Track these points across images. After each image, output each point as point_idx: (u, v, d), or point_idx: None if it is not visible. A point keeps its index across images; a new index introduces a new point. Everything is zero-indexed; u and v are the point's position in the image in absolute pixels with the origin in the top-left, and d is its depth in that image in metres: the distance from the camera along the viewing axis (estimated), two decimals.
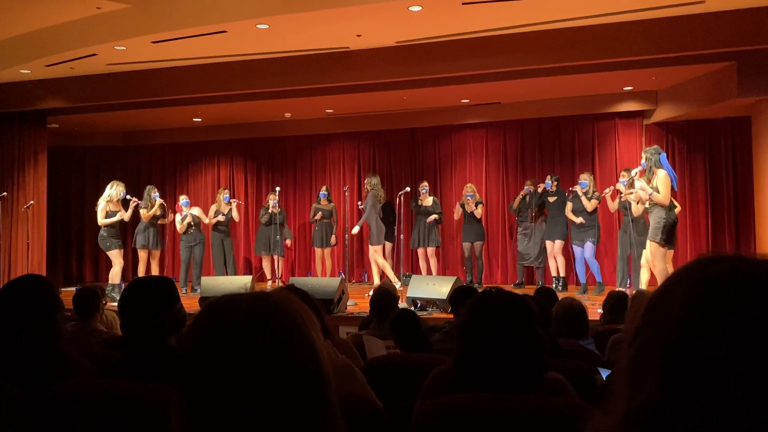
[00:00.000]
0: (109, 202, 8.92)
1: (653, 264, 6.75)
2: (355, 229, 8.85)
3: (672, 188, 6.83)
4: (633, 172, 7.27)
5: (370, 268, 10.40)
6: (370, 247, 8.84)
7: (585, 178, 8.57)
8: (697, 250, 9.37)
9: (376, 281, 8.73)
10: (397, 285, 8.03)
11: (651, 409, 0.65)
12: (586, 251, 8.47)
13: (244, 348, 0.83)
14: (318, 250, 9.99)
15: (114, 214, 8.90)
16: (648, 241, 6.78)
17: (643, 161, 7.03)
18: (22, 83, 9.11)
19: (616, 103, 9.46)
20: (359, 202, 9.59)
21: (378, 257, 8.77)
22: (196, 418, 0.83)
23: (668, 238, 6.68)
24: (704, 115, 9.01)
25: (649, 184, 6.81)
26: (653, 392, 0.65)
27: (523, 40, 7.32)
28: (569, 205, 8.68)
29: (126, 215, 9.09)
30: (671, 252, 6.75)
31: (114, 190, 8.98)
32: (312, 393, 0.84)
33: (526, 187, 9.29)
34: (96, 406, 1.75)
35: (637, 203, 7.65)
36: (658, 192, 6.64)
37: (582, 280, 8.62)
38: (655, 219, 6.72)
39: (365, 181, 9.12)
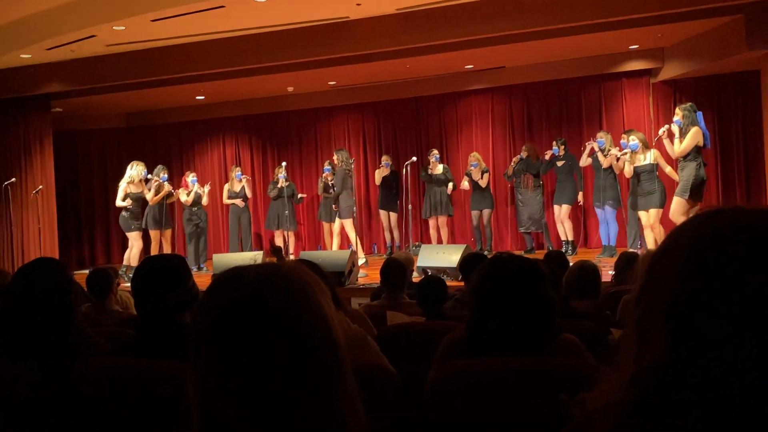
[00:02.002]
0: (131, 183, 8.90)
1: (674, 219, 6.88)
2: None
3: (705, 146, 7.02)
4: (661, 131, 7.29)
5: (380, 240, 10.44)
6: (344, 221, 8.95)
7: (602, 137, 8.42)
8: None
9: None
10: (361, 260, 8.19)
11: (658, 367, 0.65)
12: (606, 213, 8.38)
13: (254, 317, 0.84)
14: (326, 225, 9.99)
15: (136, 195, 8.88)
16: (674, 197, 6.92)
17: (677, 118, 7.05)
18: (24, 68, 9.07)
19: (623, 62, 9.32)
20: (329, 177, 9.59)
21: (350, 230, 8.93)
22: (211, 390, 0.84)
23: (694, 194, 6.86)
24: (712, 71, 8.87)
25: (680, 139, 6.98)
26: (660, 350, 0.66)
27: (527, 1, 7.20)
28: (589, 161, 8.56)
29: (149, 195, 9.06)
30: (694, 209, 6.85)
31: (135, 170, 8.95)
32: (324, 359, 0.85)
33: (520, 154, 9.23)
34: (112, 384, 1.78)
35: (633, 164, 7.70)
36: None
37: (604, 241, 8.48)
38: (685, 176, 6.87)
39: (334, 156, 9.21)
